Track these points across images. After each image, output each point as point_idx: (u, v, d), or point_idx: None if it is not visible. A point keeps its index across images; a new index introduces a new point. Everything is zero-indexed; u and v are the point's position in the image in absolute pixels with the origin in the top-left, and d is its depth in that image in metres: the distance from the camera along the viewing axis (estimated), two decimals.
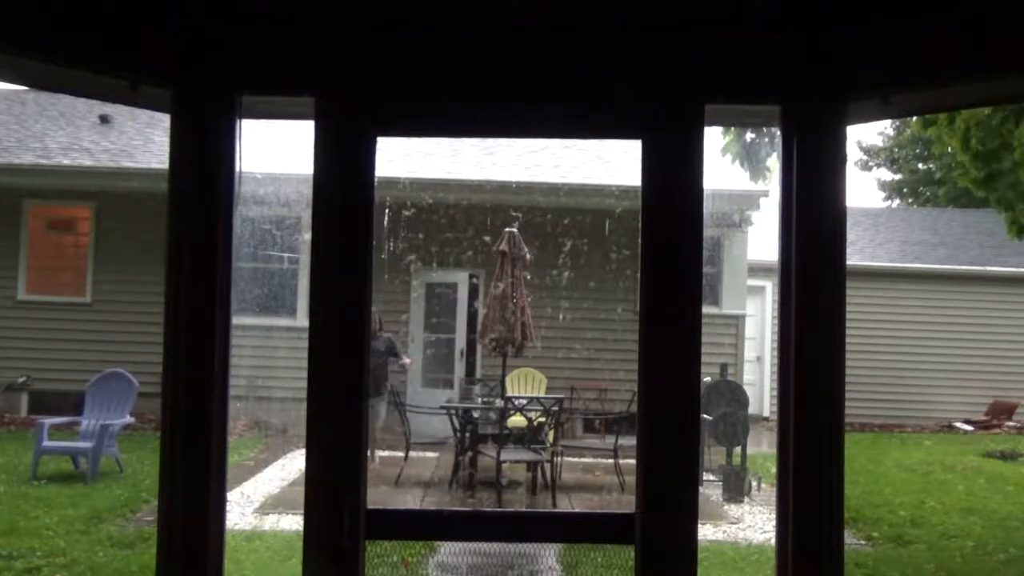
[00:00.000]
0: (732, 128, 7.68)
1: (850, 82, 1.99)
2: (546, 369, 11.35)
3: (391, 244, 10.68)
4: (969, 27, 1.88)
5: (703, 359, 2.04)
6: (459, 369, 11.99)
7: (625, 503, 7.44)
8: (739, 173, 11.13)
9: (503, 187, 11.25)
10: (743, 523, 7.32)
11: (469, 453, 8.02)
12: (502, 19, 2.08)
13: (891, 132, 26.82)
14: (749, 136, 8.13)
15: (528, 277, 8.78)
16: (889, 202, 27.28)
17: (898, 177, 27.68)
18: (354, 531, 2.04)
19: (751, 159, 8.26)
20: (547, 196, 11.07)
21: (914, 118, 9.74)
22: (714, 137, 10.30)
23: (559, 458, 8.52)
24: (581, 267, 11.06)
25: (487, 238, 9.76)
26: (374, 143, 2.10)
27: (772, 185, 12.74)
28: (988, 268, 15.19)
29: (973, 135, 7.68)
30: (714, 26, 2.06)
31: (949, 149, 8.77)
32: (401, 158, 11.03)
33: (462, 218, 10.75)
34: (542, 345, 9.66)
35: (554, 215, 10.97)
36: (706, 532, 6.82)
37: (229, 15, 2.05)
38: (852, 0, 1.98)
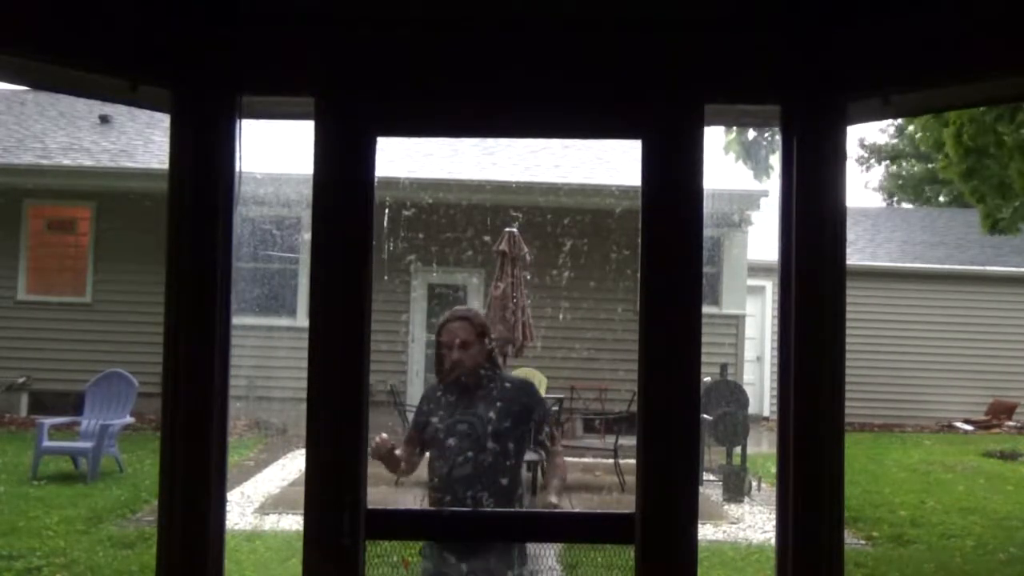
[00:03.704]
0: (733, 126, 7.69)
1: (850, 82, 1.99)
2: (546, 369, 11.33)
3: (391, 244, 10.66)
4: (969, 27, 1.88)
5: (703, 359, 2.04)
6: None
7: (625, 503, 7.43)
8: (739, 173, 11.11)
9: (503, 187, 11.25)
10: (743, 523, 7.32)
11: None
12: (502, 19, 2.08)
13: (893, 131, 26.82)
14: (751, 134, 8.15)
15: (528, 277, 8.77)
16: (890, 201, 27.29)
17: (894, 171, 27.68)
18: (354, 531, 2.04)
19: (753, 157, 8.28)
20: (547, 196, 11.07)
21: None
22: (716, 135, 10.30)
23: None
24: (581, 267, 11.05)
25: (487, 238, 9.76)
26: (374, 143, 2.10)
27: (772, 185, 12.76)
28: (988, 268, 15.19)
29: (965, 131, 7.68)
30: (714, 26, 2.06)
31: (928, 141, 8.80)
32: (401, 158, 11.02)
33: (462, 218, 10.74)
34: (542, 345, 9.65)
35: (554, 215, 10.96)
36: (706, 532, 6.82)
37: (229, 15, 2.05)
38: (852, 0, 1.98)
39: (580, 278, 11.15)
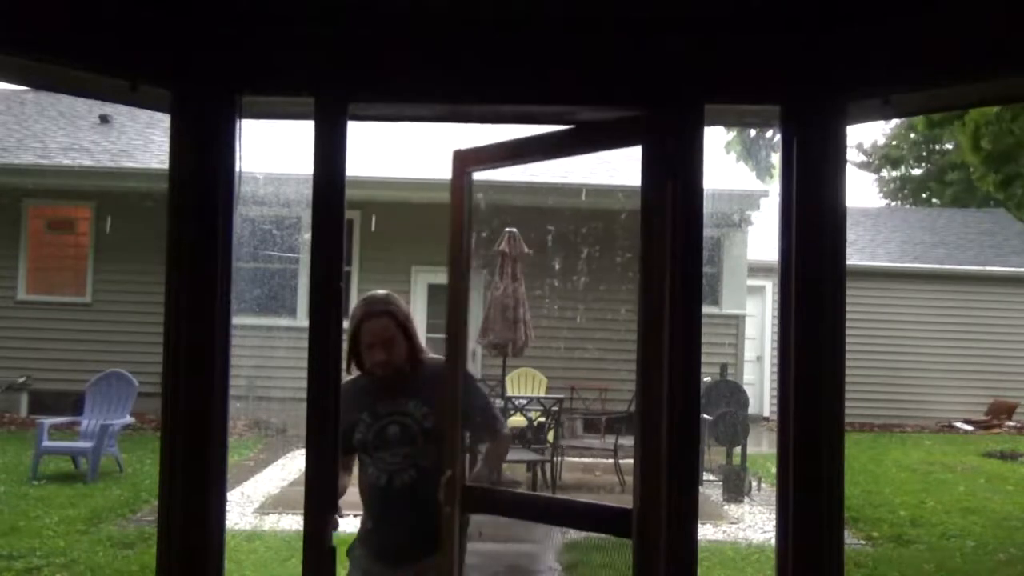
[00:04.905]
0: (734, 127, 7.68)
1: (850, 82, 1.99)
2: (546, 369, 11.34)
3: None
4: (969, 27, 1.88)
5: (703, 359, 2.03)
6: None
7: (625, 503, 7.43)
8: (739, 173, 11.10)
9: (503, 187, 11.24)
10: (743, 523, 7.31)
11: (468, 453, 7.98)
12: (502, 20, 2.08)
13: (891, 132, 26.80)
14: (752, 133, 8.15)
15: (527, 278, 8.76)
16: (889, 202, 27.28)
17: (896, 174, 27.66)
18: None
19: (754, 156, 8.27)
20: (547, 197, 11.06)
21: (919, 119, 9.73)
22: (717, 135, 10.27)
23: (559, 458, 8.53)
24: (581, 268, 11.05)
25: (484, 234, 9.75)
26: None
27: (772, 185, 12.74)
28: (988, 268, 15.18)
29: (983, 134, 7.57)
30: (714, 26, 2.05)
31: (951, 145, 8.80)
32: None
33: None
34: (542, 345, 9.65)
35: (554, 216, 10.96)
36: (706, 532, 6.82)
37: (229, 15, 2.05)
38: (852, 0, 1.97)
39: (580, 278, 11.15)
